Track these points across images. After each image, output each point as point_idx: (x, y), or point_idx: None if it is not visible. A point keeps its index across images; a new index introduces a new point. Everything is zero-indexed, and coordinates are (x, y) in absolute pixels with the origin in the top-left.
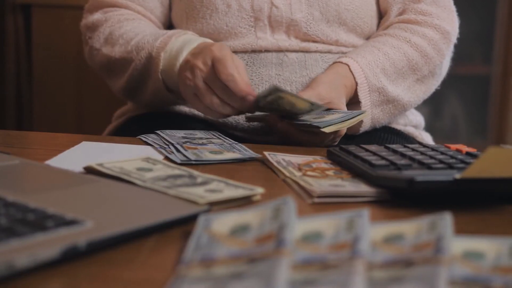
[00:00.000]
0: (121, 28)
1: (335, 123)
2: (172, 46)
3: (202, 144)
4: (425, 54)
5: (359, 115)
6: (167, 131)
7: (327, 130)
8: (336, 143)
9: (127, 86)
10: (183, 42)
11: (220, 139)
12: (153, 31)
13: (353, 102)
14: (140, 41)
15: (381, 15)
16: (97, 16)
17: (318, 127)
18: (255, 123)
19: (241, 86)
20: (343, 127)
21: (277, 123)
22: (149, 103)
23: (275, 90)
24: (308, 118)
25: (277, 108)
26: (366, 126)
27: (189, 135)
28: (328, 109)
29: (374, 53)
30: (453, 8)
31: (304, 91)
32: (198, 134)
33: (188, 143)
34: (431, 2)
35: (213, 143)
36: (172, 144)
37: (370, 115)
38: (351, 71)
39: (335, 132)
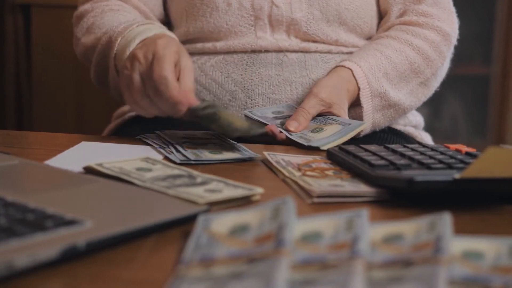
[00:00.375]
0: (102, 18)
1: (332, 140)
2: (130, 32)
3: (202, 144)
4: (427, 56)
5: (357, 127)
6: (168, 131)
7: (325, 148)
8: None
9: (95, 74)
10: (142, 30)
11: (220, 139)
12: (127, 19)
13: (355, 105)
14: (108, 29)
15: (381, 15)
16: (85, 6)
17: (318, 148)
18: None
19: (172, 92)
20: (341, 142)
21: (276, 136)
22: (114, 93)
23: (211, 106)
24: (306, 131)
25: (214, 123)
26: (366, 130)
27: (189, 135)
28: (327, 116)
29: (377, 56)
30: (453, 10)
31: (308, 100)
32: (199, 134)
33: (187, 143)
34: (432, 3)
35: (212, 143)
36: (172, 144)
37: (371, 121)
38: (354, 76)
39: None
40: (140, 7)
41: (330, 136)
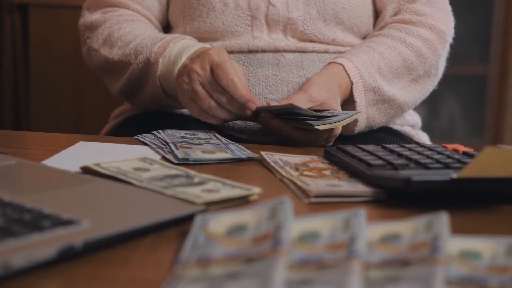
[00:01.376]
0: (120, 29)
1: (328, 122)
2: (171, 52)
3: (199, 144)
4: (421, 54)
5: (353, 115)
6: (168, 131)
7: (320, 127)
8: (331, 143)
9: (125, 89)
10: (181, 47)
11: (218, 139)
12: (152, 34)
13: (349, 102)
14: (138, 45)
15: (378, 14)
16: (96, 16)
17: (311, 125)
18: (254, 126)
19: (242, 92)
20: (337, 126)
21: (270, 120)
22: (146, 105)
23: (291, 107)
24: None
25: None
26: (361, 126)
27: (189, 135)
28: (322, 110)
29: (369, 53)
30: (448, 8)
31: (296, 94)
32: (199, 134)
33: (184, 143)
34: (426, 3)
35: (209, 143)
36: (166, 143)
37: (365, 115)
38: (346, 71)
39: (330, 132)
40: (146, 15)
41: (326, 119)
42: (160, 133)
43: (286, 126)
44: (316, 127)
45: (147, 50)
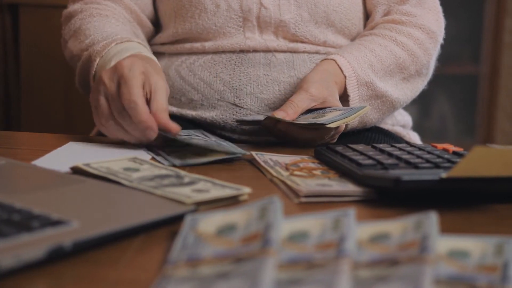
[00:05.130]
0: (89, 23)
1: (338, 119)
2: (108, 52)
3: (182, 146)
4: (412, 53)
5: (360, 110)
6: None
7: (333, 125)
8: (335, 141)
9: (78, 84)
10: (120, 49)
11: (198, 136)
12: (111, 31)
13: (342, 99)
14: (91, 41)
15: (368, 16)
16: (76, 6)
17: (323, 124)
18: (247, 126)
19: (142, 117)
20: (348, 122)
21: (276, 124)
22: None
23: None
24: (308, 118)
25: (190, 146)
26: (354, 122)
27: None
28: (326, 108)
29: (361, 50)
30: (439, 9)
31: (297, 94)
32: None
33: (168, 147)
34: (416, 4)
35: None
36: (154, 150)
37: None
38: (338, 66)
39: (335, 128)
40: (131, 6)
41: (335, 117)
42: None
43: (293, 128)
44: (328, 125)
45: (92, 47)
